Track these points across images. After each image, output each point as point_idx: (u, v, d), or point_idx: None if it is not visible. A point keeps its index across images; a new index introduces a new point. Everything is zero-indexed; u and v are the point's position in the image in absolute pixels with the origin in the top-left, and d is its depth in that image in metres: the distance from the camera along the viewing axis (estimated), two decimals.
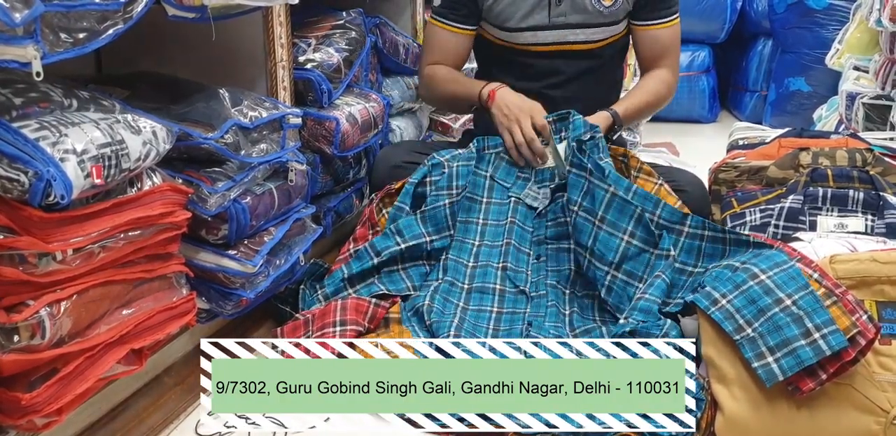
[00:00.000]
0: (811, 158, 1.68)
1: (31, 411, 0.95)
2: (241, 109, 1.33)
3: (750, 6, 4.04)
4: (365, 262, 1.56)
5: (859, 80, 2.57)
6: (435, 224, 1.61)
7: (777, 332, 1.16)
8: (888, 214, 1.52)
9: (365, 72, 1.94)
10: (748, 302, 1.20)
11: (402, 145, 1.92)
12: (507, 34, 1.82)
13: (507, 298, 1.56)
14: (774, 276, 1.21)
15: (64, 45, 0.90)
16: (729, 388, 1.20)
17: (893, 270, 1.17)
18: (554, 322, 1.49)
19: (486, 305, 1.54)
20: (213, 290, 1.35)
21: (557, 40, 1.80)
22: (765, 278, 1.21)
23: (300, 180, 1.50)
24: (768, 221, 1.58)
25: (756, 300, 1.19)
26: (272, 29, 1.53)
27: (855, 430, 1.14)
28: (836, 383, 1.14)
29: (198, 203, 1.25)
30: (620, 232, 1.47)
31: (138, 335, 1.11)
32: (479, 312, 1.52)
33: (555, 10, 1.77)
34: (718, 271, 1.32)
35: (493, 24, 1.81)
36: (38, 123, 0.94)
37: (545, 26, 1.79)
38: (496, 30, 1.82)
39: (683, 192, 1.64)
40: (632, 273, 1.46)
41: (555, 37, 1.80)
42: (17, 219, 0.90)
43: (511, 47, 1.84)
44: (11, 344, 0.91)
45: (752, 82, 4.06)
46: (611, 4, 1.78)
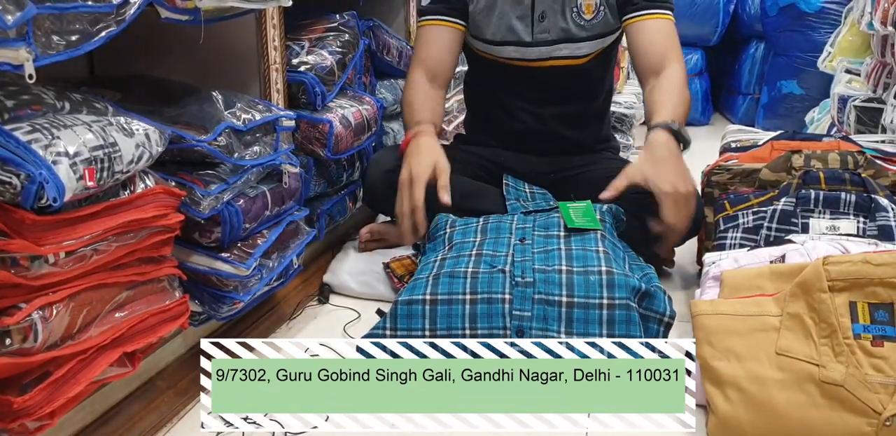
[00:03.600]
0: (803, 161, 1.68)
1: (23, 415, 0.95)
2: (234, 112, 1.33)
3: (742, 9, 4.05)
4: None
5: (851, 83, 2.58)
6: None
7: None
8: (880, 217, 1.52)
9: (358, 74, 1.95)
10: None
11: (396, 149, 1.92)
12: (488, 47, 1.81)
13: (480, 279, 1.42)
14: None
15: (56, 47, 0.89)
16: (722, 389, 1.20)
17: (886, 272, 1.18)
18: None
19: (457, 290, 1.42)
20: (206, 293, 1.35)
21: (541, 57, 1.80)
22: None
23: (293, 183, 1.50)
24: (761, 223, 1.58)
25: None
26: (265, 31, 1.52)
27: (847, 432, 1.14)
28: (829, 384, 1.15)
29: (191, 206, 1.25)
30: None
31: (131, 338, 1.10)
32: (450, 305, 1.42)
33: (538, 27, 1.76)
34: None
35: (473, 34, 1.81)
36: (31, 126, 0.94)
37: (528, 43, 1.78)
38: (478, 42, 1.82)
39: None
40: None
41: (538, 53, 1.79)
42: (8, 222, 0.90)
43: (495, 60, 1.84)
44: (3, 347, 0.91)
45: (745, 85, 4.08)
46: (592, 17, 1.75)
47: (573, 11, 1.74)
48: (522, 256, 1.46)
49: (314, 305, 1.77)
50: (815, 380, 1.16)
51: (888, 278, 1.17)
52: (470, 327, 1.38)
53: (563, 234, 1.53)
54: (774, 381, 1.18)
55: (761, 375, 1.19)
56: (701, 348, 1.23)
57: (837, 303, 1.18)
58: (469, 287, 1.40)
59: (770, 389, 1.17)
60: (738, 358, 1.21)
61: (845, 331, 1.17)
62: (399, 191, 1.60)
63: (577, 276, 1.40)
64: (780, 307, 1.22)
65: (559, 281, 1.40)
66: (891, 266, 1.17)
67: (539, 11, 1.74)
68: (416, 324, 1.40)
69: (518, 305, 1.38)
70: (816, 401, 1.16)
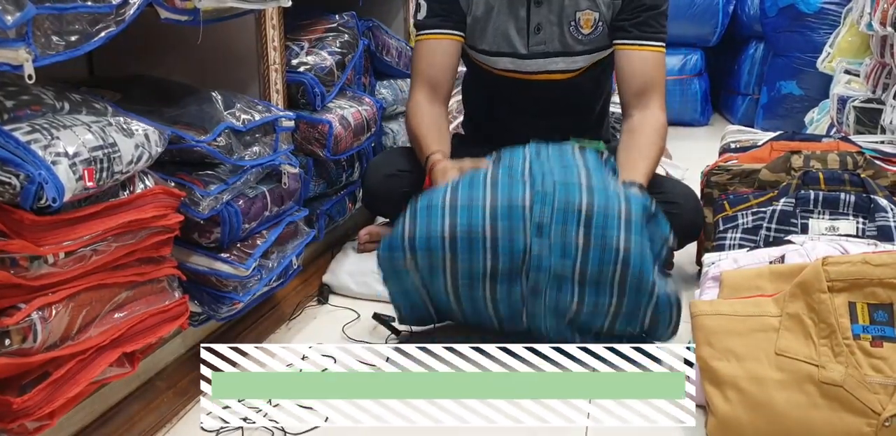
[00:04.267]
0: (803, 162, 1.68)
1: (23, 415, 0.95)
2: (233, 112, 1.33)
3: (742, 10, 4.05)
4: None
5: (850, 83, 2.58)
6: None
7: None
8: (879, 217, 1.52)
9: (358, 75, 1.95)
10: None
11: (395, 152, 1.90)
12: (485, 57, 1.81)
13: (500, 185, 1.41)
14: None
15: (56, 47, 0.90)
16: (721, 390, 1.20)
17: (885, 273, 1.17)
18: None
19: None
20: (205, 293, 1.35)
21: (538, 69, 1.79)
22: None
23: (293, 183, 1.50)
24: (760, 223, 1.58)
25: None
26: (265, 32, 1.53)
27: (846, 432, 1.14)
28: (828, 385, 1.15)
29: (190, 206, 1.25)
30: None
31: (130, 339, 1.10)
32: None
33: (533, 39, 1.75)
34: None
35: (469, 44, 1.80)
36: (30, 126, 0.94)
37: (524, 55, 1.77)
38: (474, 52, 1.81)
39: (675, 204, 1.63)
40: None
41: (535, 66, 1.78)
42: (8, 222, 0.90)
43: (490, 70, 1.83)
44: (3, 348, 0.91)
45: (744, 86, 4.07)
46: (590, 32, 1.75)
47: (571, 25, 1.73)
48: (541, 168, 1.45)
49: (313, 305, 1.78)
50: (814, 380, 1.16)
51: (887, 279, 1.17)
52: (490, 225, 1.37)
53: (579, 154, 1.52)
54: (774, 381, 1.18)
55: (761, 375, 1.19)
56: (700, 349, 1.23)
57: (837, 303, 1.18)
58: (489, 192, 1.40)
59: (769, 389, 1.17)
60: (737, 358, 1.21)
61: (845, 331, 1.17)
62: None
63: (597, 187, 1.40)
64: (780, 308, 1.22)
65: (579, 190, 1.39)
66: (890, 267, 1.17)
67: (535, 23, 1.74)
68: (436, 223, 1.39)
69: (539, 209, 1.38)
70: (816, 401, 1.16)
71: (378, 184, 1.77)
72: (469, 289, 1.43)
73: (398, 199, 1.73)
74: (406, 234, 1.41)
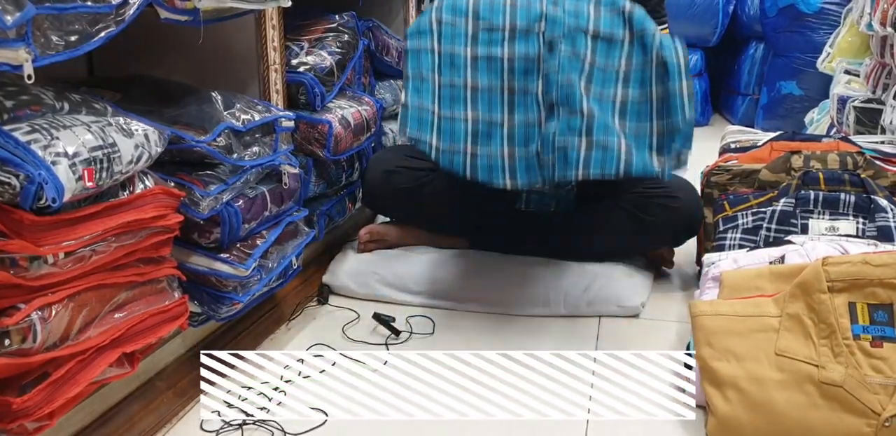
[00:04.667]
0: (803, 162, 1.68)
1: (22, 416, 0.95)
2: (233, 112, 1.33)
3: (742, 10, 4.05)
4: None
5: (850, 83, 2.58)
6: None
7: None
8: (879, 217, 1.52)
9: (358, 75, 1.94)
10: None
11: (395, 150, 1.91)
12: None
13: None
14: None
15: (56, 47, 0.89)
16: (721, 390, 1.20)
17: (885, 273, 1.18)
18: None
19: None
20: (205, 293, 1.35)
21: None
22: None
23: (293, 184, 1.50)
24: (760, 224, 1.58)
25: None
26: (265, 32, 1.52)
27: (846, 432, 1.14)
28: (828, 385, 1.15)
29: (190, 206, 1.25)
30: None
31: (130, 339, 1.10)
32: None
33: None
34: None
35: None
36: (30, 126, 0.93)
37: None
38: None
39: (675, 198, 1.64)
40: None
41: None
42: (8, 222, 0.90)
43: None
44: (2, 348, 0.91)
45: (744, 86, 4.08)
46: None
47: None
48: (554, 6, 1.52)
49: (313, 305, 1.77)
50: (814, 381, 1.16)
51: (887, 279, 1.17)
52: (509, 38, 1.46)
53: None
54: (774, 381, 1.18)
55: (761, 375, 1.19)
56: (700, 349, 1.23)
57: (837, 303, 1.18)
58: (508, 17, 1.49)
59: (769, 389, 1.17)
60: (737, 359, 1.21)
61: (844, 332, 1.17)
62: None
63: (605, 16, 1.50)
64: (780, 308, 1.22)
65: (587, 18, 1.48)
66: (890, 267, 1.17)
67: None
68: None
69: (549, 28, 1.46)
70: (816, 402, 1.16)
71: (378, 180, 1.77)
72: (487, 72, 1.46)
73: (398, 195, 1.73)
74: (435, 4, 1.50)
